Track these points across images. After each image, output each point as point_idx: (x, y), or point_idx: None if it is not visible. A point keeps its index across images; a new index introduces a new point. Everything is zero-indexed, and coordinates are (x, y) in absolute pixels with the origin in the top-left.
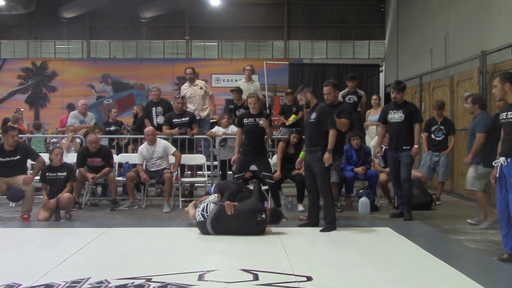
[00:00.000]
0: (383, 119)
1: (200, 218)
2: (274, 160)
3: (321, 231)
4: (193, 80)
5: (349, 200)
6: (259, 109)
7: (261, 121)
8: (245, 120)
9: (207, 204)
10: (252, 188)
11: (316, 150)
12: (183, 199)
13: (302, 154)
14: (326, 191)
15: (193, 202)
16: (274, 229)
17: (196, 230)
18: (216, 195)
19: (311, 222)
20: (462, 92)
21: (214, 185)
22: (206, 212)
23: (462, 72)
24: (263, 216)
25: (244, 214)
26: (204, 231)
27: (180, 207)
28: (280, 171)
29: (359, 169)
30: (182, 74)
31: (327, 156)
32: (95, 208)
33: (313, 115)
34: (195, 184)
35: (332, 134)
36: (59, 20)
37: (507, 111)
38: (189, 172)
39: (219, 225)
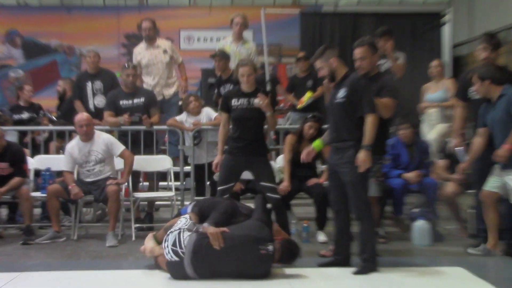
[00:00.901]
0: (462, 94)
1: (172, 257)
2: (279, 163)
3: (354, 273)
4: (152, 39)
5: (400, 224)
6: (256, 84)
7: (257, 100)
8: (233, 102)
9: (179, 234)
10: (253, 204)
11: (346, 148)
12: (137, 225)
13: (317, 142)
14: (363, 211)
15: (153, 233)
16: (284, 270)
17: (162, 275)
18: (188, 216)
19: (339, 259)
20: None
21: (190, 203)
22: (180, 247)
23: None
24: (270, 248)
25: (240, 245)
26: (180, 275)
27: (133, 238)
28: (290, 180)
29: (411, 175)
30: (134, 30)
31: (363, 157)
32: None
33: (341, 93)
34: (157, 202)
35: (371, 122)
36: None
37: None
38: (147, 184)
39: (204, 264)
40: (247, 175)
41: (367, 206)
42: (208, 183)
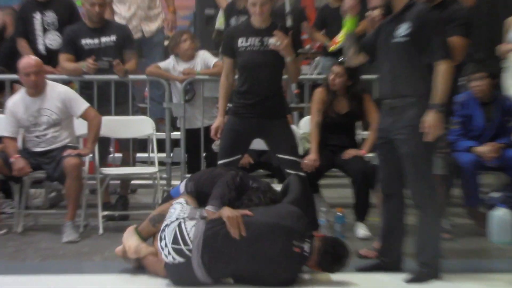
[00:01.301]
0: None
1: (174, 258)
2: (303, 128)
3: (407, 281)
4: None
5: (472, 214)
6: (272, 18)
7: (274, 40)
8: (240, 42)
9: (180, 226)
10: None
11: (406, 106)
12: (106, 213)
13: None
14: (425, 196)
15: (133, 226)
16: (311, 275)
17: (152, 281)
18: (182, 199)
19: (386, 261)
20: None
21: (184, 180)
22: (185, 243)
23: None
24: (305, 247)
25: (268, 236)
26: (186, 280)
27: (101, 231)
28: (318, 152)
29: (486, 149)
30: None
31: (432, 120)
32: None
33: (403, 29)
34: (133, 182)
35: (445, 71)
36: None
37: None
38: (120, 156)
39: (220, 262)
40: (259, 144)
41: (431, 189)
42: (204, 155)
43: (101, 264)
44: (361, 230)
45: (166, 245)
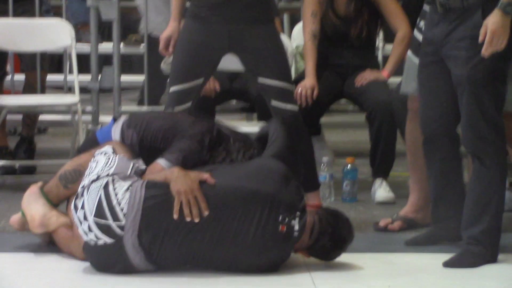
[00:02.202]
0: None
1: (97, 237)
2: (296, 39)
3: (447, 265)
4: None
5: None
6: None
7: None
8: None
9: (106, 189)
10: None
11: (471, 7)
12: (3, 163)
13: None
14: (487, 142)
15: (38, 185)
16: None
17: (65, 262)
18: (110, 148)
19: (441, 232)
20: None
21: (117, 120)
22: (114, 217)
23: None
24: (293, 224)
25: (241, 210)
26: (119, 266)
27: None
28: (316, 76)
29: None
30: None
31: (498, 24)
32: None
33: None
34: (43, 117)
35: None
36: None
37: None
38: (22, 78)
39: (166, 247)
40: (231, 63)
41: (496, 132)
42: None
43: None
44: (381, 191)
45: (85, 218)
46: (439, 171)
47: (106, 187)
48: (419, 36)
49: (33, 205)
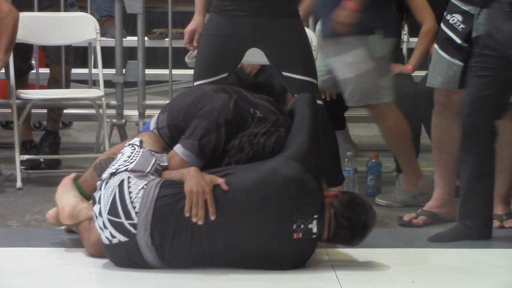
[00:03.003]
0: None
1: (112, 234)
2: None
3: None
4: None
5: None
6: None
7: None
8: None
9: (121, 186)
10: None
11: None
12: (27, 157)
13: None
14: None
15: (72, 176)
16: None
17: (90, 259)
18: (138, 140)
19: (469, 227)
20: None
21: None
22: (127, 216)
23: None
24: (311, 227)
25: (252, 216)
26: (137, 263)
27: (19, 184)
28: None
29: None
30: None
31: None
32: None
33: None
34: (67, 111)
35: None
36: None
37: None
38: (47, 72)
39: (177, 247)
40: (254, 56)
41: None
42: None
43: (19, 232)
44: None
45: (100, 214)
46: (473, 165)
47: (121, 184)
48: (446, 30)
49: (65, 197)
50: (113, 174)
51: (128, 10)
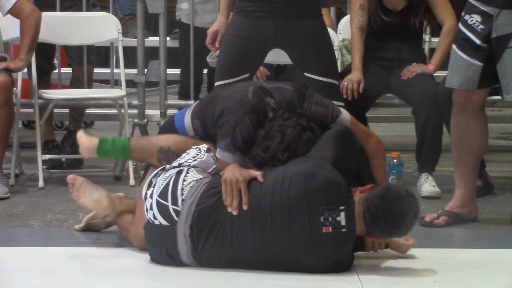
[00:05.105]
0: None
1: (154, 215)
2: (343, 32)
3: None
4: None
5: None
6: None
7: None
8: None
9: (178, 175)
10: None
11: None
12: (49, 157)
13: None
14: None
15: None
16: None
17: (128, 259)
18: (206, 147)
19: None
20: None
21: (192, 106)
22: (174, 201)
23: None
24: (340, 219)
25: (283, 210)
26: (165, 254)
27: (41, 184)
28: (362, 70)
29: None
30: None
31: None
32: None
33: None
34: (89, 111)
35: None
36: None
37: None
38: (69, 72)
39: (209, 244)
40: (277, 56)
41: None
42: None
43: (40, 231)
44: (427, 185)
45: (151, 196)
46: None
47: (179, 173)
48: (464, 30)
49: (94, 193)
50: (174, 167)
51: (150, 10)
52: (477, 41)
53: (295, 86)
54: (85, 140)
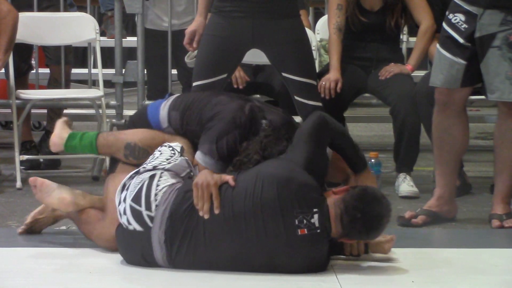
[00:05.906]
0: None
1: (128, 220)
2: (321, 31)
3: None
4: None
5: None
6: None
7: None
8: None
9: (151, 179)
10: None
11: None
12: (27, 157)
13: None
14: None
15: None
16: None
17: (91, 255)
18: (180, 146)
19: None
20: None
21: (169, 100)
22: (147, 206)
23: None
24: (313, 221)
25: (255, 212)
26: (140, 256)
27: (18, 184)
28: (340, 69)
29: None
30: None
31: None
32: None
33: None
34: (66, 111)
35: None
36: None
37: None
38: (47, 72)
39: (183, 247)
40: (255, 57)
41: None
42: (174, 71)
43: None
44: (405, 185)
45: (125, 200)
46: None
47: (152, 177)
48: (448, 29)
49: (57, 191)
50: (149, 170)
51: (127, 10)
52: (461, 40)
53: (288, 116)
54: (54, 135)
